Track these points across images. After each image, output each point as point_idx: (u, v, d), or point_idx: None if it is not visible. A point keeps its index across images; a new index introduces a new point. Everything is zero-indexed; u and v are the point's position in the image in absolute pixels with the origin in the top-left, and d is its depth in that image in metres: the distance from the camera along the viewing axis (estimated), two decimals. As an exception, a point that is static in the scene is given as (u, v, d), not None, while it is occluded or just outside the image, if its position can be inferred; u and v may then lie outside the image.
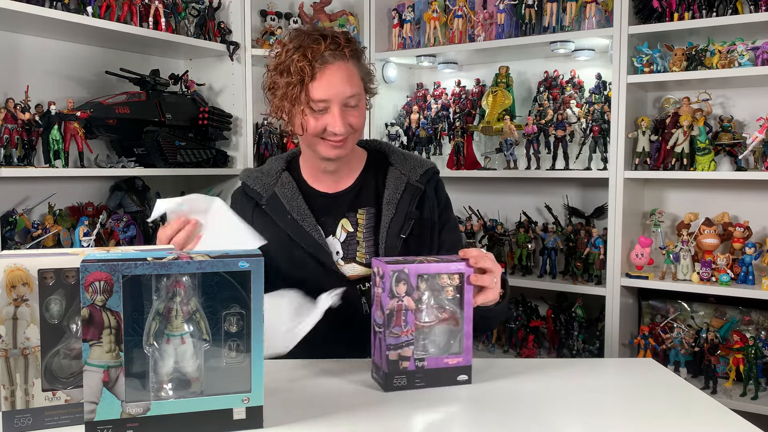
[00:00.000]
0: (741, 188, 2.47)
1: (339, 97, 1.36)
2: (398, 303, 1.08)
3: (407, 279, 1.08)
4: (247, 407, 0.91)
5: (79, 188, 2.47)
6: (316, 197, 1.49)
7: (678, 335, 2.38)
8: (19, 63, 2.31)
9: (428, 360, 1.10)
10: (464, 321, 1.12)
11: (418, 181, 1.50)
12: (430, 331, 1.13)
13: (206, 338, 0.91)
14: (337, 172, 1.49)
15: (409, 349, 1.09)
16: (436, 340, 1.14)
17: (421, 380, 1.10)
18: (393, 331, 1.08)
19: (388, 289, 1.07)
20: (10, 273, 0.89)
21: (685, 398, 1.08)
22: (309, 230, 1.43)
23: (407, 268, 1.08)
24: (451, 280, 1.13)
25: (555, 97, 2.71)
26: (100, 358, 0.85)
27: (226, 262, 0.90)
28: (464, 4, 2.78)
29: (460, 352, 1.12)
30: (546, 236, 2.68)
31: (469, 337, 1.12)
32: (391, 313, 1.07)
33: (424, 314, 1.12)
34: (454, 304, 1.13)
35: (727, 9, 2.29)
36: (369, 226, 1.48)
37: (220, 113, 2.74)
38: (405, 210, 1.46)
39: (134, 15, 2.41)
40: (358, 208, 1.49)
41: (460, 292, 1.13)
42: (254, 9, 2.85)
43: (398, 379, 1.08)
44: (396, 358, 1.08)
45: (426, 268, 1.10)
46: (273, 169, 1.53)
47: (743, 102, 2.48)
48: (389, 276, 1.07)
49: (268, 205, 1.47)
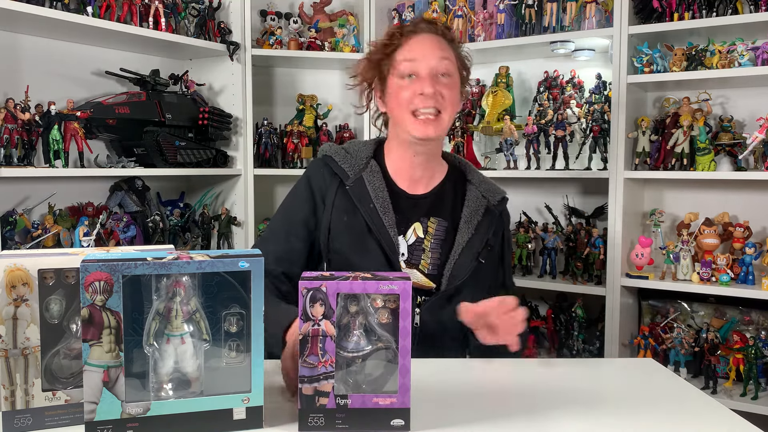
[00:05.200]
0: (741, 188, 2.47)
1: (428, 59, 1.34)
2: (314, 327, 0.91)
3: (325, 299, 0.90)
4: (247, 407, 0.91)
5: (79, 188, 2.47)
6: (397, 193, 1.45)
7: (678, 335, 2.38)
8: (19, 63, 2.31)
9: (352, 398, 0.92)
10: (400, 353, 0.92)
11: (496, 207, 1.47)
12: (359, 363, 0.94)
13: (206, 338, 0.91)
14: (422, 168, 1.45)
15: (328, 384, 0.91)
16: (367, 375, 0.94)
17: (344, 422, 0.91)
18: (308, 361, 0.91)
19: (302, 310, 0.90)
20: (10, 273, 0.89)
21: (685, 398, 1.08)
22: (387, 224, 1.39)
23: (325, 286, 0.90)
24: (386, 302, 0.93)
25: (555, 97, 2.71)
26: (100, 358, 0.85)
27: (226, 262, 0.90)
28: (464, 4, 2.78)
29: (395, 390, 0.92)
30: (546, 236, 2.68)
31: (406, 373, 0.92)
32: (305, 339, 0.91)
33: (351, 342, 0.93)
34: (388, 331, 0.93)
35: (727, 9, 2.29)
36: (438, 238, 1.43)
37: (220, 113, 2.74)
38: (484, 234, 1.43)
39: (134, 15, 2.41)
40: (432, 216, 1.45)
41: (396, 316, 0.92)
42: (254, 9, 2.85)
43: (314, 418, 0.91)
44: (311, 392, 0.91)
45: (349, 287, 0.91)
46: (362, 152, 1.47)
47: (743, 102, 2.48)
48: (302, 294, 0.90)
49: (353, 187, 1.41)
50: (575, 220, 2.76)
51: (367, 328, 0.94)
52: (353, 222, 1.39)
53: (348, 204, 1.40)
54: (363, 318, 0.93)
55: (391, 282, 0.91)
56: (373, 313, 0.93)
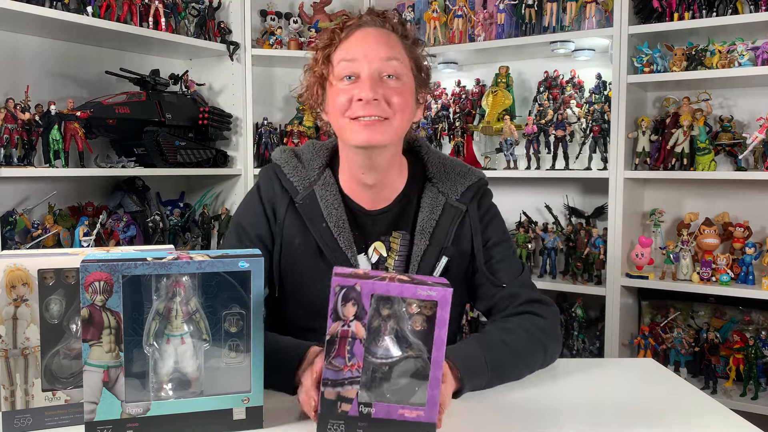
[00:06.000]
0: (741, 188, 2.47)
1: (369, 58, 1.10)
2: (343, 328, 0.84)
3: (358, 299, 0.84)
4: (247, 407, 0.91)
5: (79, 188, 2.47)
6: (353, 209, 1.24)
7: (678, 335, 2.38)
8: (19, 63, 2.31)
9: (377, 407, 0.85)
10: (432, 365, 0.85)
11: (459, 201, 1.24)
12: (387, 370, 0.87)
13: (206, 338, 0.91)
14: (376, 181, 1.21)
15: (353, 389, 0.85)
16: (393, 384, 0.87)
17: (365, 431, 0.86)
18: (333, 363, 0.84)
19: (332, 308, 0.84)
20: (10, 273, 0.89)
21: (685, 398, 1.08)
22: (343, 245, 1.19)
23: (359, 285, 0.84)
24: (421, 308, 0.86)
25: (555, 97, 2.71)
26: (100, 358, 0.85)
27: (226, 262, 0.89)
28: (464, 4, 2.77)
29: (422, 403, 0.86)
30: (546, 236, 2.68)
31: (437, 386, 0.85)
32: (333, 340, 0.84)
33: (381, 348, 0.87)
34: (421, 339, 0.86)
35: (727, 9, 2.29)
36: (402, 255, 1.23)
37: (220, 113, 2.74)
38: (440, 242, 1.21)
39: (134, 15, 2.41)
40: (394, 231, 1.24)
41: (432, 325, 0.85)
42: (254, 9, 2.85)
43: (334, 424, 0.85)
44: (333, 397, 0.85)
45: (386, 288, 0.84)
46: (314, 161, 1.25)
47: (743, 102, 2.48)
48: (335, 291, 0.84)
49: (302, 205, 1.21)
50: (575, 220, 2.76)
51: (398, 333, 0.87)
52: (304, 244, 1.20)
53: (299, 224, 1.21)
54: (395, 323, 0.87)
55: (430, 288, 0.84)
56: (407, 318, 0.86)
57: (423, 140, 1.33)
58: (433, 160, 1.29)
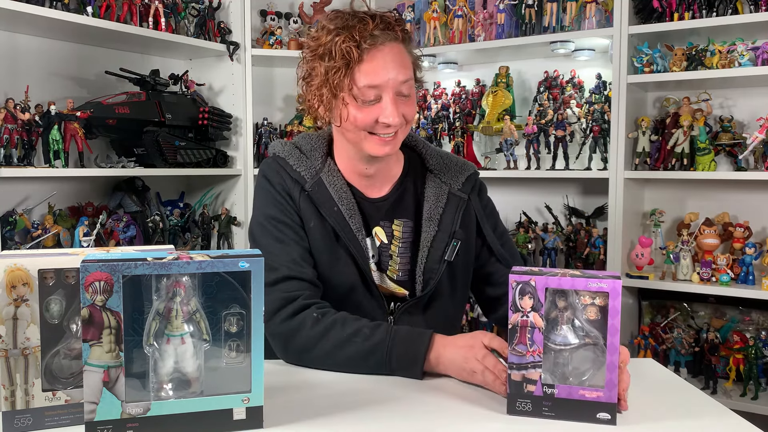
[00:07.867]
0: (741, 188, 2.47)
1: (392, 83, 1.19)
2: (522, 319, 0.96)
3: (533, 292, 0.95)
4: (247, 407, 0.91)
5: (79, 188, 2.47)
6: (356, 195, 1.32)
7: (678, 335, 2.38)
8: (19, 63, 2.31)
9: (559, 388, 0.96)
10: (608, 350, 0.95)
11: (461, 190, 1.34)
12: (567, 356, 0.98)
13: (206, 338, 0.91)
14: (376, 176, 1.32)
15: (536, 372, 0.96)
16: (574, 369, 0.98)
17: (550, 410, 0.96)
18: (516, 349, 0.97)
19: (511, 301, 0.96)
20: (10, 273, 0.89)
21: (685, 398, 1.08)
22: (354, 228, 1.26)
23: (534, 280, 0.95)
24: (593, 299, 0.95)
25: (555, 97, 2.71)
26: (100, 358, 0.85)
27: (226, 262, 0.89)
28: (464, 4, 2.78)
29: (601, 385, 0.95)
30: (546, 236, 2.68)
31: (614, 369, 0.94)
32: (514, 329, 0.96)
33: (560, 336, 0.97)
34: (596, 328, 0.96)
35: (727, 9, 2.29)
36: (406, 241, 1.32)
37: (220, 113, 2.74)
38: (449, 228, 1.30)
39: (134, 15, 2.41)
40: (395, 218, 1.33)
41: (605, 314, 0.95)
42: (254, 9, 2.85)
43: (522, 403, 0.97)
44: (519, 379, 0.97)
45: (558, 282, 0.95)
46: (316, 150, 1.33)
47: (743, 102, 2.48)
48: (512, 286, 0.96)
49: (313, 191, 1.27)
50: (575, 220, 2.76)
51: (575, 323, 0.97)
52: (320, 229, 1.27)
53: (312, 209, 1.27)
54: (571, 313, 0.96)
55: (600, 280, 0.93)
56: (581, 309, 0.96)
57: (416, 134, 1.45)
58: (431, 153, 1.39)
